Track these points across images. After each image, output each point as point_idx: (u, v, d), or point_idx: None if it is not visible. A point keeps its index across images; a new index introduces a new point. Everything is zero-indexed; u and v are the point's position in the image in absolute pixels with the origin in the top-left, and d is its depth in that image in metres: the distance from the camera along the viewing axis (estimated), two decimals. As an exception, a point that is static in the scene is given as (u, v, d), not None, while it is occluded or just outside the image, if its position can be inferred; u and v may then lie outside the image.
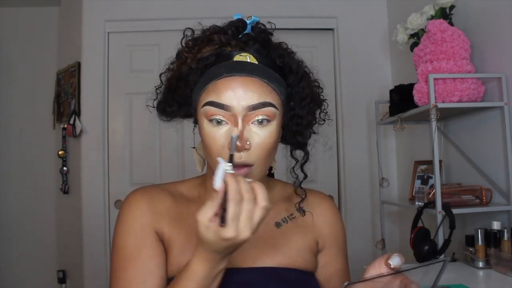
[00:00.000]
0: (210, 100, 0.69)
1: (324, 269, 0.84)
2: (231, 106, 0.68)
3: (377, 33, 2.74)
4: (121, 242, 0.75)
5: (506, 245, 1.42)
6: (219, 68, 0.71)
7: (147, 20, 2.71)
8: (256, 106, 0.69)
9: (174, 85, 0.77)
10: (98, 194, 2.65)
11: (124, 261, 0.74)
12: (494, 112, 1.68)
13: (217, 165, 0.60)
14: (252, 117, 0.69)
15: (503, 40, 1.64)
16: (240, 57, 0.72)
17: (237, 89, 0.68)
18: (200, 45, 0.73)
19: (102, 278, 2.61)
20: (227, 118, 0.69)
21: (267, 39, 0.75)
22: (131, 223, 0.75)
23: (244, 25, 0.74)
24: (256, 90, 0.69)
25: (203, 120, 0.71)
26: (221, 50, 0.72)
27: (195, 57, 0.73)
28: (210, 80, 0.71)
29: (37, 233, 3.08)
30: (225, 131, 0.69)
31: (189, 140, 0.83)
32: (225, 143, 0.69)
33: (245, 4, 2.44)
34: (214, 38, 0.73)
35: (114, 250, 0.76)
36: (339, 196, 2.70)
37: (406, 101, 1.84)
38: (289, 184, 0.87)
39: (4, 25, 3.15)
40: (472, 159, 1.82)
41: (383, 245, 2.24)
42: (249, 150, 0.69)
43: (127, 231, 0.75)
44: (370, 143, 2.68)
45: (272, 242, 0.78)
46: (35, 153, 3.11)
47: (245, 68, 0.70)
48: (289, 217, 0.83)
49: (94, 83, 2.69)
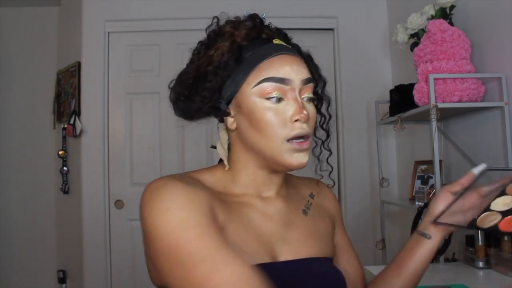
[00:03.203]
0: (268, 76, 0.69)
1: (336, 248, 0.86)
2: (290, 80, 0.70)
3: (377, 33, 2.74)
4: (184, 226, 0.60)
5: (506, 245, 1.42)
6: (265, 49, 0.71)
7: (147, 20, 2.71)
8: (308, 80, 0.72)
9: (204, 74, 0.72)
10: (98, 194, 2.65)
11: (206, 247, 0.59)
12: (494, 112, 1.68)
13: (282, 145, 0.68)
14: (303, 93, 0.72)
15: (503, 40, 1.64)
16: (277, 41, 0.74)
17: (293, 65, 0.71)
18: (242, 26, 0.73)
19: (102, 278, 2.61)
20: (284, 94, 0.70)
21: (285, 34, 0.78)
22: (189, 200, 0.63)
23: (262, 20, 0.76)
24: (304, 67, 0.73)
25: (255, 101, 0.70)
26: (257, 34, 0.73)
27: (244, 35, 0.72)
28: (262, 59, 0.70)
29: (37, 233, 3.08)
30: (285, 106, 0.70)
31: (190, 140, 0.82)
32: (286, 119, 0.69)
33: (245, 4, 2.43)
34: (250, 24, 0.73)
35: (175, 243, 0.59)
36: (339, 196, 2.70)
37: (406, 101, 1.85)
38: (288, 174, 0.87)
39: (4, 25, 3.15)
40: (472, 159, 1.82)
41: (383, 245, 2.24)
42: (308, 122, 0.71)
43: (189, 208, 0.62)
44: (370, 143, 2.68)
45: (307, 231, 0.79)
46: (35, 153, 3.11)
47: (289, 49, 0.73)
48: (309, 203, 0.84)
49: (94, 83, 2.69)
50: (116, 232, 2.66)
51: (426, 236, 0.78)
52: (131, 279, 2.62)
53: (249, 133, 0.71)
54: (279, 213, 0.77)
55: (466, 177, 0.77)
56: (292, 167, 0.70)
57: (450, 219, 0.76)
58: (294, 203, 0.81)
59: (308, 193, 0.86)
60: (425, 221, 0.79)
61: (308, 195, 0.85)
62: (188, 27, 2.70)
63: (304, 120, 0.69)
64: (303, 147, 0.70)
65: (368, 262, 1.75)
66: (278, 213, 0.76)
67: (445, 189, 0.79)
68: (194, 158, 2.68)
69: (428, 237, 0.78)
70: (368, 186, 2.68)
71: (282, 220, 0.76)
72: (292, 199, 0.81)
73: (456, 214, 0.77)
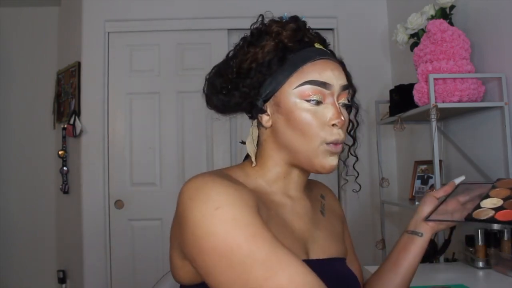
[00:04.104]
0: (310, 79, 0.71)
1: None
2: (331, 85, 0.72)
3: (377, 33, 2.74)
4: (237, 224, 0.58)
5: (506, 245, 1.42)
6: (308, 52, 0.73)
7: (147, 20, 2.71)
8: (346, 86, 0.74)
9: (246, 70, 0.73)
10: (98, 194, 2.65)
11: (264, 244, 0.57)
12: (494, 112, 1.68)
13: (319, 146, 0.71)
14: (340, 98, 0.74)
15: (503, 40, 1.64)
16: (319, 45, 0.76)
17: (334, 70, 0.73)
18: (288, 27, 0.74)
19: (102, 278, 2.61)
20: (323, 97, 0.72)
21: (324, 39, 0.80)
22: (239, 198, 0.61)
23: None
24: (343, 73, 0.75)
25: (295, 101, 0.71)
26: (301, 37, 0.74)
27: (289, 36, 0.73)
28: (305, 61, 0.72)
29: (37, 233, 3.08)
30: (324, 110, 0.72)
31: (190, 140, 0.82)
32: (324, 122, 0.71)
33: (245, 4, 2.44)
34: (294, 26, 0.74)
35: (230, 243, 0.57)
36: (339, 196, 2.70)
37: (406, 101, 1.85)
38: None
39: (4, 25, 3.15)
40: (472, 159, 1.82)
41: (383, 245, 2.24)
42: (342, 127, 0.73)
43: (240, 206, 0.60)
44: (370, 143, 2.68)
45: (328, 231, 0.81)
46: (35, 153, 3.11)
47: (329, 55, 0.75)
48: (322, 204, 0.86)
49: (94, 83, 2.69)
50: (116, 232, 2.66)
51: (418, 234, 0.83)
52: (131, 279, 2.62)
53: (286, 132, 0.72)
54: (306, 212, 0.78)
55: (448, 185, 0.87)
56: (324, 169, 0.72)
57: (438, 218, 0.82)
58: (314, 203, 0.82)
59: (319, 195, 0.88)
60: (415, 221, 0.85)
61: (320, 197, 0.87)
62: (188, 27, 2.70)
63: (340, 125, 0.71)
64: (337, 150, 0.72)
65: (368, 262, 1.75)
66: (306, 212, 0.78)
67: (431, 194, 0.87)
68: (194, 158, 2.68)
69: (420, 235, 0.83)
70: (368, 186, 2.68)
71: (310, 219, 0.78)
72: (312, 199, 0.83)
73: (443, 215, 0.82)
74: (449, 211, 0.83)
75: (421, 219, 0.84)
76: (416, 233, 0.83)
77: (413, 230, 0.84)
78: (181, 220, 0.62)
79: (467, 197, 0.84)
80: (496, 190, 0.82)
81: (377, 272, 0.88)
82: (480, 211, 0.78)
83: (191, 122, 2.69)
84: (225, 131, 2.66)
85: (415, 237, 0.83)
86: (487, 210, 0.77)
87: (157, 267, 2.54)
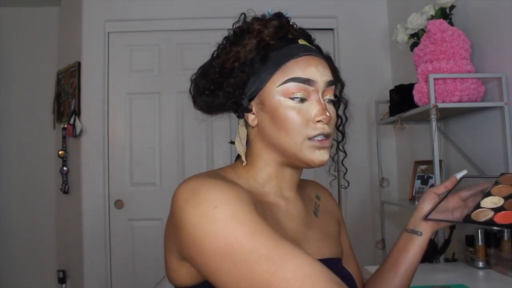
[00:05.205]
0: (293, 76, 0.70)
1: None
2: (315, 81, 0.71)
3: (377, 33, 2.74)
4: (239, 221, 0.58)
5: (506, 245, 1.42)
6: (292, 49, 0.72)
7: (147, 20, 2.71)
8: (331, 82, 0.74)
9: (229, 70, 0.73)
10: (98, 194, 2.65)
11: (267, 241, 0.57)
12: (494, 112, 1.68)
13: (303, 142, 0.70)
14: (326, 94, 0.73)
15: (503, 40, 1.64)
16: (303, 41, 0.75)
17: (318, 66, 0.72)
18: (270, 25, 0.73)
19: (102, 278, 2.62)
20: (307, 94, 0.71)
21: (309, 35, 0.79)
22: (236, 196, 0.61)
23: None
24: (328, 69, 0.74)
25: (279, 99, 0.71)
26: (284, 34, 0.74)
27: (271, 34, 0.72)
28: (288, 59, 0.71)
29: (37, 233, 3.08)
30: (308, 107, 0.71)
31: (190, 140, 0.82)
32: (309, 119, 0.70)
33: (245, 4, 2.44)
34: (277, 23, 0.73)
35: (230, 241, 0.56)
36: (339, 196, 2.70)
37: (406, 101, 1.84)
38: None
39: (4, 25, 3.15)
40: (472, 159, 1.82)
41: (383, 245, 2.24)
42: (329, 123, 0.72)
43: (237, 204, 0.59)
44: (370, 143, 2.68)
45: (322, 232, 0.80)
46: (35, 153, 3.11)
47: (314, 51, 0.74)
48: (316, 205, 0.85)
49: (94, 83, 2.69)
50: (116, 232, 2.66)
51: (418, 233, 0.81)
52: (131, 279, 2.62)
53: (271, 131, 0.72)
54: (300, 213, 0.78)
55: (450, 181, 0.83)
56: (313, 164, 0.71)
57: (438, 217, 0.80)
58: (307, 204, 0.82)
59: (313, 195, 0.87)
60: (414, 219, 0.83)
61: (315, 197, 0.86)
62: (188, 27, 2.70)
63: (326, 121, 0.70)
64: (324, 145, 0.71)
65: (368, 262, 1.75)
66: (299, 213, 0.77)
67: (431, 191, 0.84)
68: (194, 158, 2.68)
69: (419, 234, 0.81)
70: (368, 186, 2.68)
71: (303, 220, 0.77)
72: (305, 200, 0.82)
73: (443, 213, 0.80)
74: (450, 208, 0.81)
75: (420, 217, 0.82)
76: (416, 232, 0.81)
77: (413, 229, 0.82)
78: (177, 222, 0.61)
79: (469, 192, 0.82)
80: (498, 187, 0.79)
81: (376, 272, 0.87)
82: (479, 211, 0.76)
83: (191, 122, 2.69)
84: (225, 131, 2.66)
85: (414, 236, 0.81)
86: (486, 211, 0.75)
87: (157, 267, 2.54)
